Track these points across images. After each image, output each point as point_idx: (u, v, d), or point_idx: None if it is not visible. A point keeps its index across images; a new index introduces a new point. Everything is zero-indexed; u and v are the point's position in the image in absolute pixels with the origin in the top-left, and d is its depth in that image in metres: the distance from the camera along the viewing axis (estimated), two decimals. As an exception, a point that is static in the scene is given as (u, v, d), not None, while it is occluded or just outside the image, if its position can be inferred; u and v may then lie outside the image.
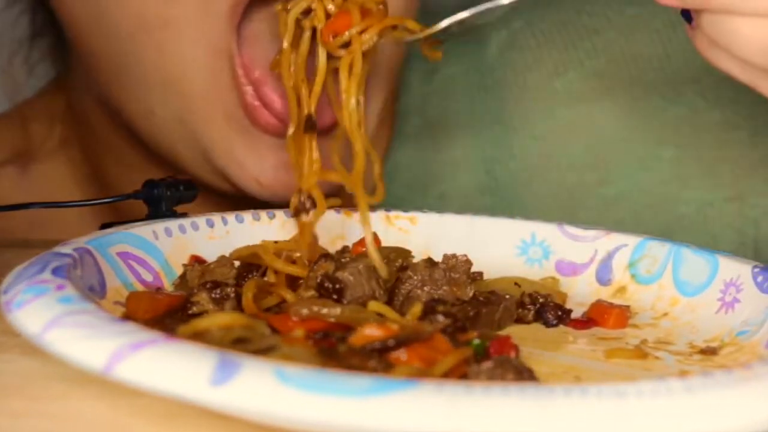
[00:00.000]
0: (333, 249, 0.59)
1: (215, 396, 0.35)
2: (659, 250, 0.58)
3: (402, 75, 0.79)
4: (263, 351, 0.41)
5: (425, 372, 0.41)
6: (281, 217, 0.61)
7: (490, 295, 0.53)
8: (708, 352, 0.50)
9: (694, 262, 0.56)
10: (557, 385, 0.35)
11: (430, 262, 0.55)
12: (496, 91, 0.77)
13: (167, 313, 0.48)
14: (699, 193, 0.72)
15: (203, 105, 0.65)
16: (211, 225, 0.58)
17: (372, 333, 0.43)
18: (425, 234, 0.63)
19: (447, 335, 0.45)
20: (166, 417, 0.39)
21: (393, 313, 0.48)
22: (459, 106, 0.78)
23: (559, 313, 0.54)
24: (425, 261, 0.55)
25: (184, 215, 0.59)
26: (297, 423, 0.34)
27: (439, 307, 0.49)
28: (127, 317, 0.47)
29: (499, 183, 0.76)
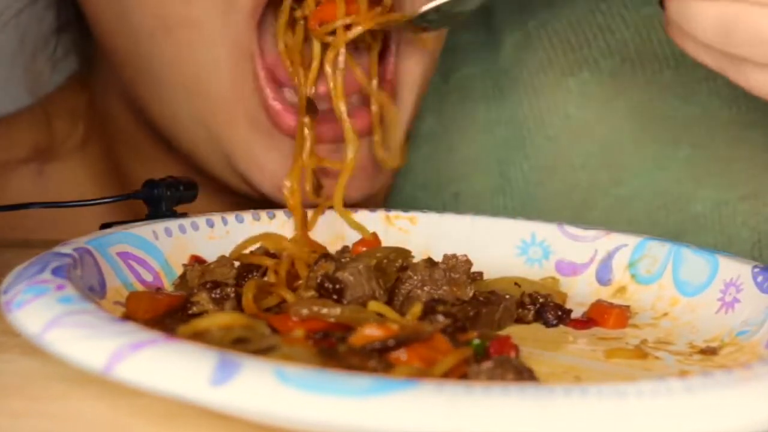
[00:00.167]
0: (333, 249, 0.60)
1: (215, 396, 0.35)
2: (659, 250, 0.58)
3: None
4: (263, 351, 0.41)
5: (425, 372, 0.41)
6: (281, 217, 0.61)
7: (490, 295, 0.53)
8: (708, 352, 0.50)
9: (694, 262, 0.56)
10: (557, 385, 0.35)
11: (430, 262, 0.55)
12: (510, 92, 0.77)
13: (167, 313, 0.48)
14: (713, 192, 0.72)
15: (225, 107, 0.64)
16: (211, 225, 0.58)
17: (372, 333, 0.43)
18: (425, 234, 0.63)
19: (447, 335, 0.45)
20: (166, 417, 0.39)
21: (393, 313, 0.48)
22: (474, 106, 0.78)
23: (559, 313, 0.54)
24: (425, 261, 0.55)
25: (184, 215, 0.59)
26: (297, 423, 0.34)
27: (439, 307, 0.49)
28: (127, 317, 0.47)
29: (513, 183, 0.76)
